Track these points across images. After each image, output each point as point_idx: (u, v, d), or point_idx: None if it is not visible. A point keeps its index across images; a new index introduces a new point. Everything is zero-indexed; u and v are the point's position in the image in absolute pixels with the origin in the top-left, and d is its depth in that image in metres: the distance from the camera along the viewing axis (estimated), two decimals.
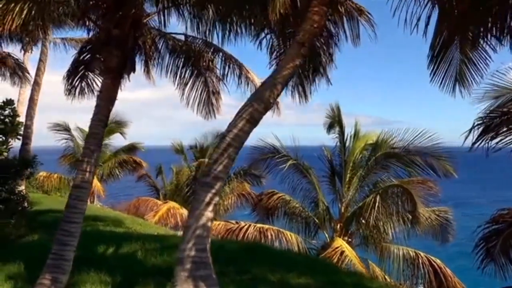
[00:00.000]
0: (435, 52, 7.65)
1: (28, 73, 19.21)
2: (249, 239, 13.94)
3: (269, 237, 14.06)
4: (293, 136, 15.62)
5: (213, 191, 4.92)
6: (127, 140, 23.32)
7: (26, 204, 11.94)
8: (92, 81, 10.04)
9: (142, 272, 7.21)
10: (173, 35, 9.62)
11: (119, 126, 22.53)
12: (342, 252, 11.84)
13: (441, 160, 12.80)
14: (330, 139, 15.82)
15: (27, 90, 19.47)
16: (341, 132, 15.49)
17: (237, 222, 20.51)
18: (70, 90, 10.02)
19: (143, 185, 25.64)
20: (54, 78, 18.86)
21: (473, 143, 6.70)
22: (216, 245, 9.08)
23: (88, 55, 9.62)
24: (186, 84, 10.63)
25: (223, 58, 10.08)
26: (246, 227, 14.43)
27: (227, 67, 10.34)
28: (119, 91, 7.96)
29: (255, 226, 14.44)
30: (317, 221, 15.19)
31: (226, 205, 20.32)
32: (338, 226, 14.80)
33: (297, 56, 4.99)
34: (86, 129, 7.80)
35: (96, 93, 10.24)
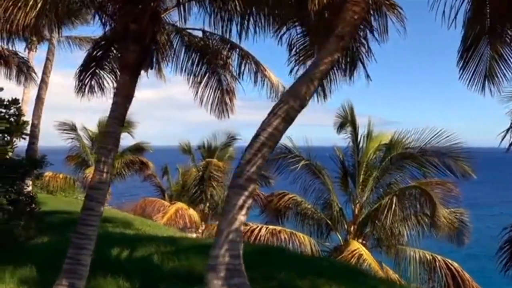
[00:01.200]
0: (464, 48, 7.38)
1: (34, 72, 18.95)
2: (262, 241, 13.62)
3: (282, 239, 13.75)
4: (305, 136, 15.29)
5: (246, 193, 4.61)
6: (131, 140, 22.98)
7: (34, 205, 11.61)
8: (102, 79, 9.78)
9: (161, 277, 6.90)
10: (189, 31, 9.32)
11: (127, 125, 22.19)
12: (360, 256, 11.52)
13: (459, 160, 12.46)
14: (334, 139, 15.53)
15: (32, 90, 19.22)
16: (354, 132, 15.15)
17: (246, 224, 20.41)
18: (80, 88, 9.73)
19: (148, 186, 25.34)
20: (55, 78, 18.62)
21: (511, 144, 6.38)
22: None
23: (101, 52, 9.36)
24: (200, 83, 10.34)
25: (240, 55, 9.77)
26: (257, 229, 14.08)
27: (243, 65, 10.05)
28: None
29: (267, 228, 14.11)
30: (329, 222, 14.87)
31: None
32: (352, 228, 14.48)
33: (336, 50, 4.68)
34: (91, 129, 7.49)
35: (106, 90, 10.08)
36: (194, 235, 16.98)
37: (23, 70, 18.66)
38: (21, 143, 14.24)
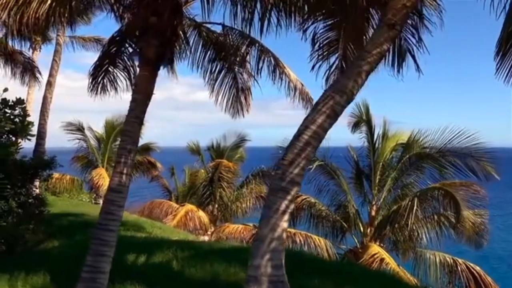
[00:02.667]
0: (502, 43, 6.98)
1: (39, 72, 18.59)
2: None
3: (298, 241, 13.36)
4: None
5: (289, 197, 4.22)
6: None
7: (43, 208, 11.20)
8: (115, 77, 9.42)
9: (185, 286, 6.49)
10: (207, 25, 8.92)
11: None
12: (382, 260, 11.11)
13: (481, 161, 12.04)
14: (345, 140, 15.14)
15: (35, 90, 18.86)
16: (370, 132, 14.77)
17: (255, 226, 19.97)
18: (93, 86, 9.36)
19: (153, 187, 24.94)
20: (58, 79, 18.14)
21: None
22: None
23: (115, 48, 8.99)
24: (215, 80, 9.96)
25: (259, 51, 9.36)
26: None
27: (261, 62, 9.64)
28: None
29: None
30: (345, 224, 14.48)
31: (244, 207, 19.59)
32: (369, 230, 14.09)
33: (386, 40, 4.28)
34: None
35: (118, 89, 9.71)
36: (206, 238, 16.58)
37: (28, 69, 18.32)
38: (29, 144, 13.89)
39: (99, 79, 9.28)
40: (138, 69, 7.11)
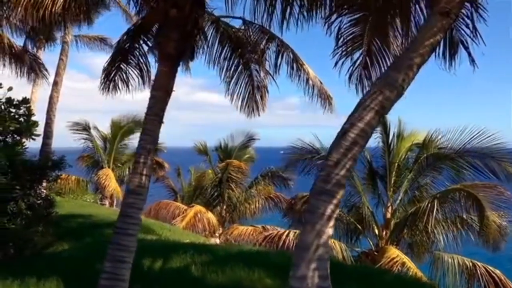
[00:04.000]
0: None
1: (46, 70, 18.26)
2: (290, 247, 12.84)
3: None
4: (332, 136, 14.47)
5: (335, 201, 3.87)
6: (129, 142, 21.98)
7: (51, 209, 10.85)
8: (127, 74, 9.09)
9: None
10: (224, 20, 8.57)
11: (139, 125, 21.42)
12: (403, 264, 10.74)
13: (503, 162, 11.67)
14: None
15: (39, 89, 18.52)
16: (385, 132, 14.41)
17: (264, 227, 19.58)
18: (105, 84, 9.03)
19: (157, 187, 24.57)
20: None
21: None
22: (280, 259, 8.02)
23: (128, 44, 8.65)
24: (232, 78, 9.63)
25: (278, 46, 9.00)
26: (285, 234, 13.31)
27: (280, 58, 9.29)
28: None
29: (295, 233, 13.33)
30: (359, 226, 14.13)
31: (253, 209, 19.24)
32: (384, 233, 13.73)
33: (439, 30, 3.92)
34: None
35: (133, 87, 9.37)
36: (217, 241, 16.23)
37: (34, 68, 17.99)
38: (34, 144, 13.57)
39: (111, 76, 8.96)
40: (156, 65, 6.76)
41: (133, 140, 21.86)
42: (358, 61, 7.96)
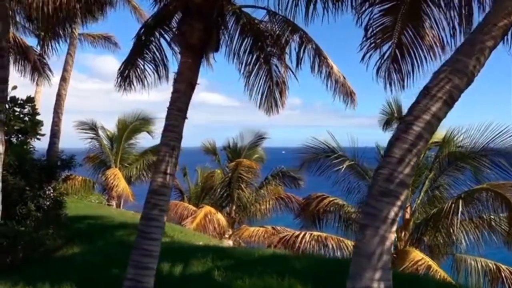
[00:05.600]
0: None
1: (50, 69, 17.83)
2: (307, 249, 12.40)
3: (330, 246, 12.53)
4: (350, 136, 14.04)
5: (399, 203, 3.43)
6: (136, 141, 21.47)
7: (61, 211, 10.42)
8: (142, 69, 8.68)
9: None
10: (245, 10, 8.13)
11: (145, 124, 21.01)
12: (429, 267, 10.28)
13: None
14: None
15: (43, 88, 18.10)
16: None
17: (274, 228, 19.13)
18: (121, 81, 8.62)
19: None
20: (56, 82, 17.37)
21: None
22: (308, 264, 7.58)
23: (144, 37, 8.22)
24: (251, 72, 9.19)
25: (301, 38, 8.55)
26: (301, 235, 12.85)
27: (302, 51, 8.84)
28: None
29: (311, 234, 12.88)
30: None
31: (263, 209, 18.77)
32: (403, 234, 13.27)
33: None
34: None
35: (143, 83, 8.96)
36: (230, 243, 15.77)
37: (38, 67, 17.58)
38: (39, 144, 13.18)
39: (125, 73, 8.56)
40: (173, 59, 6.33)
41: (140, 140, 21.44)
42: (387, 54, 7.55)
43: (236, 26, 8.33)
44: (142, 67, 8.64)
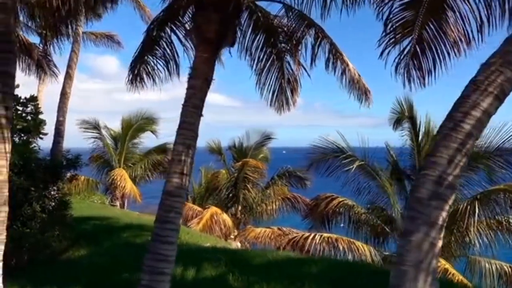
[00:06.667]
0: None
1: (55, 66, 17.57)
2: (317, 251, 12.11)
3: (341, 248, 12.24)
4: (360, 136, 13.76)
5: (447, 207, 3.15)
6: (140, 141, 21.18)
7: (66, 212, 10.13)
8: (152, 66, 8.40)
9: None
10: (259, 2, 7.83)
11: (149, 123, 20.71)
12: (446, 270, 10.00)
13: None
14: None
15: (45, 86, 17.83)
16: (414, 129, 13.67)
17: (280, 229, 18.83)
18: (131, 78, 8.35)
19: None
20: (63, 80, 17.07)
21: None
22: (325, 267, 7.30)
23: (155, 32, 7.93)
24: (263, 70, 8.90)
25: (317, 33, 8.25)
26: (311, 237, 12.57)
27: (317, 47, 8.54)
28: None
29: (321, 236, 12.59)
30: (386, 228, 13.39)
31: (270, 210, 18.49)
32: None
33: None
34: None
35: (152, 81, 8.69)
36: (238, 244, 15.50)
37: (42, 64, 17.30)
38: (42, 144, 12.93)
39: (136, 70, 8.29)
40: (184, 54, 6.05)
41: (144, 139, 21.16)
42: (407, 50, 7.30)
43: (249, 21, 8.05)
44: (153, 64, 8.38)
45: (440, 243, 3.15)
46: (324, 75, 9.62)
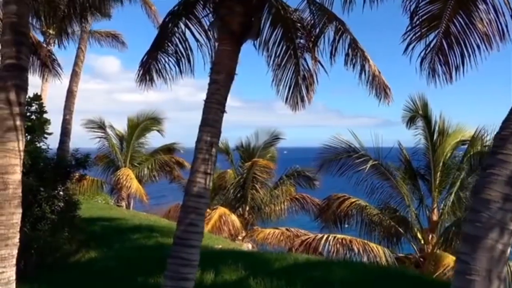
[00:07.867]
0: None
1: (59, 66, 17.29)
2: (331, 252, 11.81)
3: (355, 250, 11.94)
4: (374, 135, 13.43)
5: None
6: (146, 140, 20.90)
7: (75, 213, 9.84)
8: (163, 63, 8.10)
9: None
10: None
11: (155, 123, 20.41)
12: None
13: None
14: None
15: (49, 86, 17.54)
16: (428, 128, 13.36)
17: (288, 230, 18.51)
18: (141, 76, 8.04)
19: (171, 188, 23.51)
20: (65, 81, 16.83)
21: None
22: (347, 271, 7.01)
23: (169, 27, 7.63)
24: (280, 65, 8.60)
25: (337, 27, 7.94)
26: (325, 238, 12.28)
27: (337, 42, 8.23)
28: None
29: (335, 237, 12.30)
30: (400, 229, 13.08)
31: (278, 210, 18.16)
32: (430, 236, 12.69)
33: None
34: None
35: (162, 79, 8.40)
36: (249, 246, 15.20)
37: (47, 63, 17.03)
38: (50, 143, 12.65)
39: (146, 67, 7.98)
40: (216, 44, 5.76)
41: (150, 139, 20.87)
42: (432, 44, 7.03)
43: (268, 14, 7.76)
44: (164, 61, 8.08)
45: (508, 250, 2.86)
46: (324, 75, 9.37)
